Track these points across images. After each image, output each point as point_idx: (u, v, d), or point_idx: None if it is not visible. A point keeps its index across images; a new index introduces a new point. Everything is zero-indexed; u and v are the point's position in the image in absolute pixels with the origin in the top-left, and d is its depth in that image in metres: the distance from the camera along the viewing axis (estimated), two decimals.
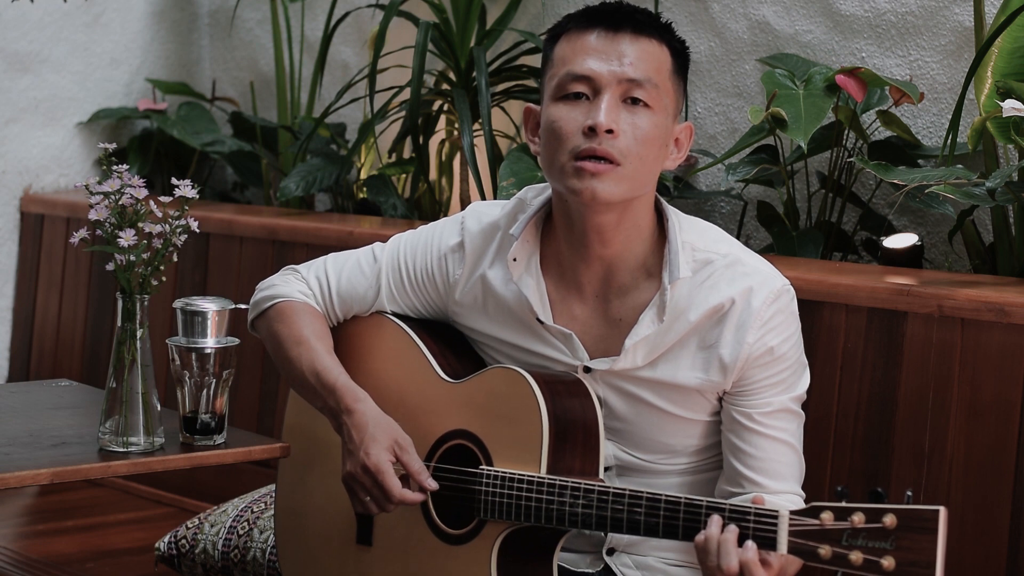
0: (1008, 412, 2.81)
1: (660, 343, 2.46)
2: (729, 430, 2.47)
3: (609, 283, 2.49)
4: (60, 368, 4.83)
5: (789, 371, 2.47)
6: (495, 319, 2.57)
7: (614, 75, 2.40)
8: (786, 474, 2.46)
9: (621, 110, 2.40)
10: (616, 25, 2.43)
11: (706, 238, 2.49)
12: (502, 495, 2.42)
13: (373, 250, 2.68)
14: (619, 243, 2.46)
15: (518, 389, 2.44)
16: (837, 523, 2.10)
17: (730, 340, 2.43)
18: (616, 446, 2.52)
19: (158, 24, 5.21)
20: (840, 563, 2.09)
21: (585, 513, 2.36)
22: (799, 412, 2.49)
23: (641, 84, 2.40)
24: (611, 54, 2.41)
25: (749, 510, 2.20)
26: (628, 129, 2.39)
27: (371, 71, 4.16)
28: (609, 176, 2.39)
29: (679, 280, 2.43)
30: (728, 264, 2.46)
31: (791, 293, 2.48)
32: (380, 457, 2.45)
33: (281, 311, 2.65)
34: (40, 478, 2.37)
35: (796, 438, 2.49)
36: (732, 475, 2.47)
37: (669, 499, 2.29)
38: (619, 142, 2.38)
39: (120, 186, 2.46)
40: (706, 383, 2.45)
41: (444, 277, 2.61)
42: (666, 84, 2.43)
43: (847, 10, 3.75)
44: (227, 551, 3.10)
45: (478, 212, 2.61)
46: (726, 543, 2.20)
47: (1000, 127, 3.17)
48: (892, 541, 2.06)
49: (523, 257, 2.52)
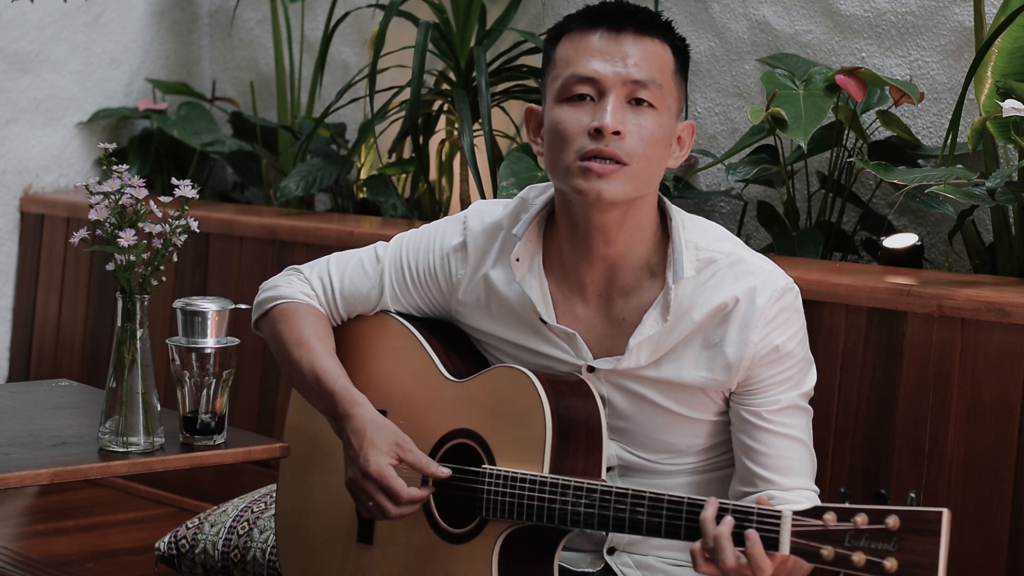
0: (1008, 412, 2.81)
1: (664, 343, 2.46)
2: (739, 430, 2.47)
3: (612, 283, 2.49)
4: (60, 368, 4.83)
5: (796, 368, 2.46)
6: (498, 319, 2.56)
7: (619, 76, 2.40)
8: (799, 470, 2.46)
9: (627, 111, 2.40)
10: (619, 25, 2.43)
11: (709, 237, 2.49)
12: (504, 494, 2.42)
13: (376, 249, 2.68)
14: (622, 242, 2.46)
15: (521, 389, 2.44)
16: (840, 524, 2.10)
17: (734, 339, 2.43)
18: (620, 446, 2.52)
19: (158, 24, 5.21)
20: (843, 564, 2.10)
21: (587, 513, 2.36)
22: (807, 408, 2.49)
23: (646, 85, 2.40)
24: (615, 55, 2.41)
25: (752, 510, 2.19)
26: (634, 130, 2.39)
27: (371, 71, 4.16)
28: (616, 176, 2.39)
29: (683, 279, 2.43)
30: (732, 263, 2.46)
31: (795, 291, 2.48)
32: (381, 462, 2.46)
33: (283, 312, 2.65)
34: (40, 478, 2.37)
35: (806, 434, 2.48)
36: (745, 475, 2.46)
37: (672, 499, 2.29)
38: (625, 143, 2.39)
39: (120, 186, 2.46)
40: (710, 382, 2.45)
41: (447, 276, 2.61)
42: (669, 84, 2.44)
43: (847, 10, 3.75)
44: (227, 551, 3.10)
45: (480, 211, 2.61)
46: (721, 538, 2.20)
47: (1000, 127, 3.17)
48: (895, 543, 2.06)
49: (526, 257, 2.52)
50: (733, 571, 2.20)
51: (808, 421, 2.49)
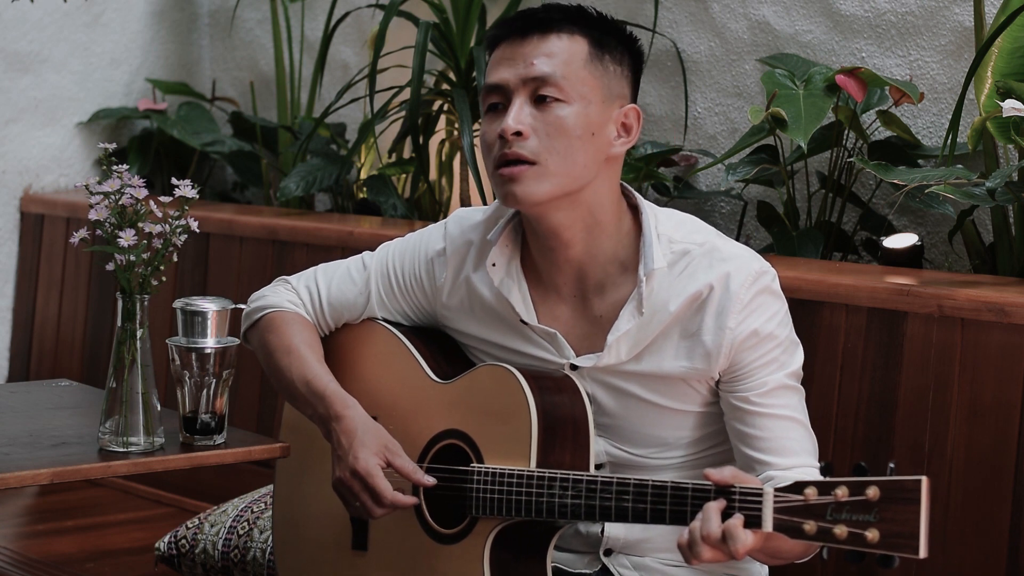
0: (1008, 412, 2.81)
1: (642, 336, 2.46)
2: (732, 417, 2.47)
3: (584, 282, 2.50)
4: (60, 368, 4.84)
5: (779, 349, 2.46)
6: (482, 321, 2.58)
7: (519, 78, 2.42)
8: (796, 448, 2.44)
9: (532, 111, 2.41)
10: (523, 30, 2.45)
11: (683, 229, 2.49)
12: (493, 491, 2.42)
13: (363, 258, 2.70)
14: (580, 242, 2.47)
15: (506, 386, 2.45)
16: (821, 498, 2.10)
17: (711, 326, 2.43)
18: (607, 442, 2.52)
19: (158, 24, 5.21)
20: (825, 538, 2.10)
21: (574, 504, 2.37)
22: (798, 387, 2.48)
23: (546, 80, 2.41)
24: (516, 59, 2.43)
25: (734, 489, 2.20)
26: (540, 127, 2.40)
27: (371, 71, 4.16)
28: (525, 177, 2.40)
29: (655, 272, 2.43)
30: (705, 252, 2.46)
31: (771, 274, 2.47)
32: (369, 461, 2.46)
33: (271, 321, 2.67)
34: (40, 478, 2.37)
35: (800, 412, 2.47)
36: (744, 461, 2.46)
37: (656, 484, 2.30)
38: (529, 142, 2.40)
39: (120, 186, 2.46)
40: (691, 371, 2.45)
41: (432, 281, 2.62)
42: (580, 73, 2.42)
43: (847, 10, 3.75)
44: (227, 551, 3.10)
45: (460, 217, 2.64)
46: (709, 510, 2.20)
47: (1000, 127, 3.17)
48: (875, 513, 2.07)
49: (502, 261, 2.53)
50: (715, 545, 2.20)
51: (800, 399, 2.48)
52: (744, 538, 2.17)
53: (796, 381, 2.48)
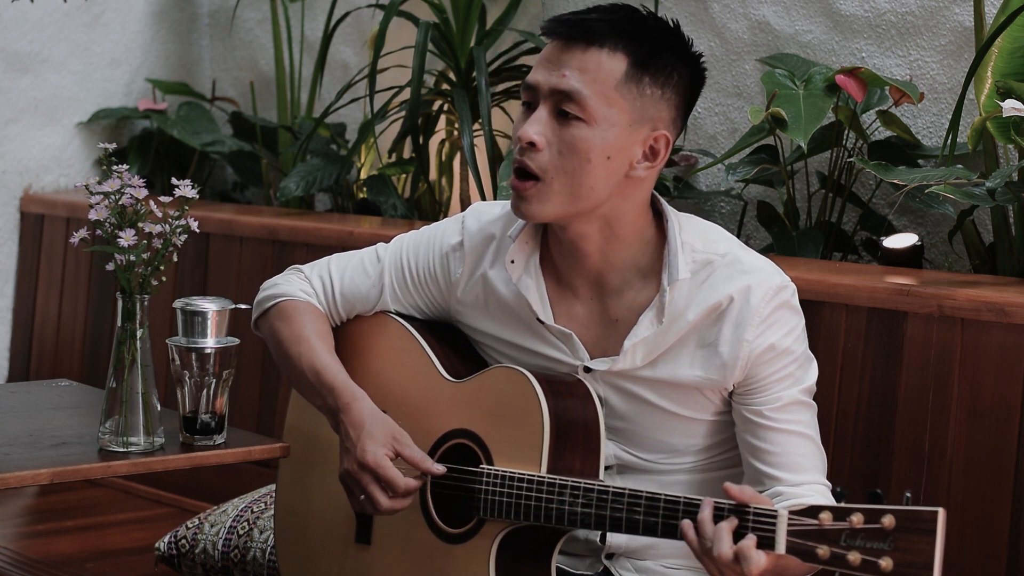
0: (1008, 412, 2.81)
1: (659, 344, 2.45)
2: (743, 430, 2.46)
3: (601, 286, 2.49)
4: (60, 368, 4.84)
5: (795, 365, 2.45)
6: (497, 319, 2.57)
7: (550, 86, 2.38)
8: (807, 465, 2.44)
9: (554, 123, 2.38)
10: (569, 35, 2.39)
11: (706, 239, 2.48)
12: (502, 494, 2.42)
13: (376, 250, 2.68)
14: (598, 252, 2.46)
15: (520, 389, 2.44)
16: (836, 523, 2.10)
17: (729, 338, 2.42)
18: (617, 445, 2.52)
19: (158, 24, 5.21)
20: (838, 563, 2.09)
21: (584, 513, 2.36)
22: (811, 403, 2.48)
23: (571, 97, 2.36)
24: (553, 64, 2.39)
25: (748, 509, 2.19)
26: (555, 141, 2.37)
27: (371, 71, 4.16)
28: (531, 193, 2.39)
29: (678, 282, 2.43)
30: (727, 263, 2.45)
31: (791, 288, 2.47)
32: (377, 453, 2.45)
33: (283, 310, 2.66)
34: (40, 478, 2.37)
35: (812, 429, 2.47)
36: (754, 475, 2.45)
37: (668, 498, 2.29)
38: (541, 156, 2.37)
39: (120, 186, 2.46)
40: (705, 381, 2.45)
41: (446, 276, 2.61)
42: (610, 95, 2.36)
43: (847, 10, 3.75)
44: (227, 551, 3.10)
45: (478, 212, 2.61)
46: (720, 530, 2.20)
47: (1000, 127, 3.17)
48: (890, 542, 2.06)
49: (521, 259, 2.52)
50: (727, 565, 2.19)
51: (813, 416, 2.48)
52: (758, 559, 2.16)
53: (809, 397, 2.48)
